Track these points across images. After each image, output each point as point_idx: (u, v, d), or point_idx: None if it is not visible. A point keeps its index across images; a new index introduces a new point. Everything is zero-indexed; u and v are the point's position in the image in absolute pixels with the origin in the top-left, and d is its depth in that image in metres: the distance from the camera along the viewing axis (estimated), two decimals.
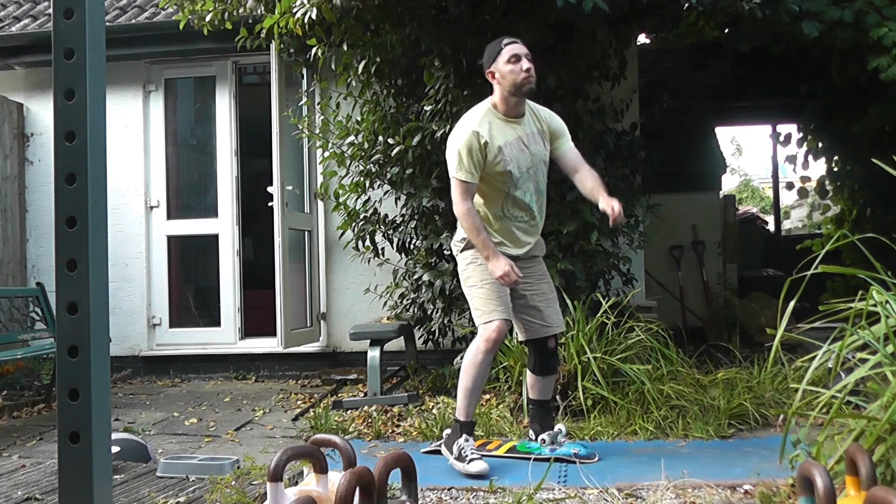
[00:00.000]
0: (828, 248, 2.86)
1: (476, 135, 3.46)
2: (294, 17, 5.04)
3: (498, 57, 3.51)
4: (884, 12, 5.36)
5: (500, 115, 3.55)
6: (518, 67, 3.48)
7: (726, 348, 5.36)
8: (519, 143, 3.55)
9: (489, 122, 3.52)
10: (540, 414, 3.79)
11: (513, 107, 3.55)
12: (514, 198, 3.56)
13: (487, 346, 3.50)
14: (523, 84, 3.50)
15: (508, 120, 3.55)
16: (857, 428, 2.58)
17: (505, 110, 3.55)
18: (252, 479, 3.10)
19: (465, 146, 3.46)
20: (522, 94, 3.53)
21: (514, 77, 3.48)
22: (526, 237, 3.64)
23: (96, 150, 1.23)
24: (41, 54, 6.88)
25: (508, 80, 3.49)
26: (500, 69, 3.51)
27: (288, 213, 5.97)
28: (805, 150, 9.09)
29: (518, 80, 3.49)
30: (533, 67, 3.53)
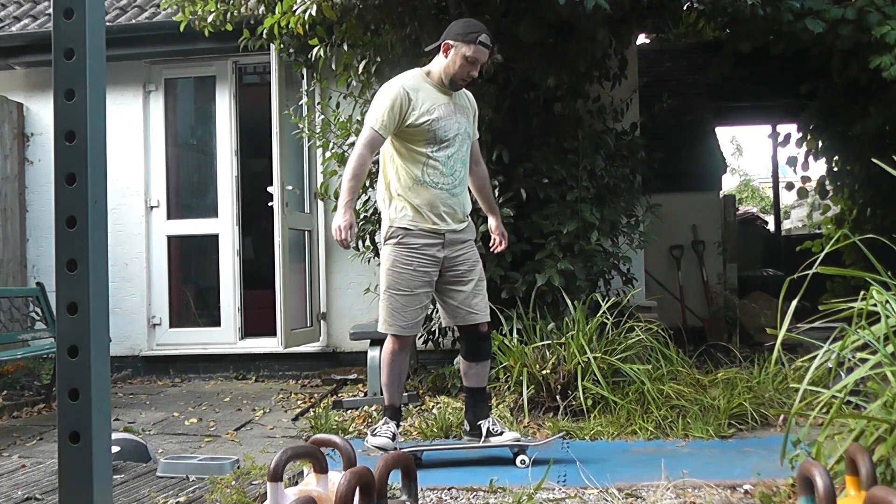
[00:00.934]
0: (828, 249, 2.86)
1: (404, 91, 3.53)
2: (295, 16, 5.04)
3: (464, 44, 3.53)
4: (886, 11, 5.37)
5: (430, 82, 3.61)
6: (466, 71, 3.56)
7: (726, 348, 5.36)
8: (449, 107, 3.61)
9: (420, 84, 3.59)
10: (473, 402, 3.78)
11: (442, 84, 3.61)
12: (436, 160, 3.56)
13: (391, 352, 3.65)
14: (457, 82, 3.59)
15: (438, 88, 3.61)
16: (857, 428, 2.58)
17: (436, 82, 3.61)
18: (252, 479, 3.10)
19: (388, 98, 3.51)
20: (451, 86, 3.61)
21: (458, 72, 3.55)
22: (450, 208, 3.61)
23: (96, 150, 1.23)
24: (41, 54, 6.88)
25: (452, 69, 3.56)
26: (457, 55, 3.54)
27: (288, 213, 5.97)
28: (805, 150, 9.08)
29: (457, 76, 3.57)
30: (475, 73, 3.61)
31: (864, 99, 7.16)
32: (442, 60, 3.58)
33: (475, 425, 3.75)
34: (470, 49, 3.52)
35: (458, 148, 3.61)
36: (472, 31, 3.54)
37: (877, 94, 6.79)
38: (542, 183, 5.18)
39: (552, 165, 5.20)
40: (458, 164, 3.62)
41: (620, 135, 5.77)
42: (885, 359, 2.57)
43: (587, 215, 5.08)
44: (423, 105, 3.52)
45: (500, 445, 3.68)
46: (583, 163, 5.28)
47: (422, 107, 3.52)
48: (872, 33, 5.31)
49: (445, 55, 3.57)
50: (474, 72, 3.58)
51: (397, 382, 3.74)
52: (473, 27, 3.58)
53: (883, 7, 5.38)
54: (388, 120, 3.49)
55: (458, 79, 3.57)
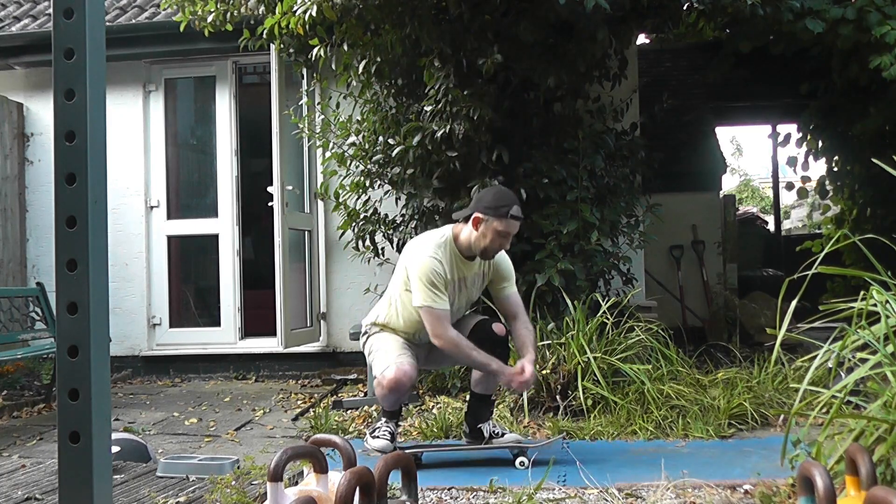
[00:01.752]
0: (828, 249, 2.86)
1: (440, 263, 3.49)
2: (295, 16, 5.05)
3: (496, 219, 3.45)
4: (885, 11, 5.37)
5: (457, 251, 3.56)
6: (499, 244, 3.52)
7: (726, 348, 5.36)
8: (462, 283, 3.60)
9: (449, 254, 3.54)
10: (477, 407, 3.78)
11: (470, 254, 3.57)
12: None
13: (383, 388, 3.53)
14: (490, 252, 3.55)
15: (463, 258, 3.57)
16: (857, 428, 2.58)
17: (464, 251, 3.56)
18: (252, 479, 3.10)
19: (428, 276, 3.46)
20: (482, 256, 3.57)
21: (490, 245, 3.50)
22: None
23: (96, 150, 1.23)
24: (41, 54, 6.88)
25: (483, 242, 3.49)
26: (487, 229, 3.47)
27: (288, 213, 5.97)
28: (805, 150, 9.09)
29: (488, 249, 3.52)
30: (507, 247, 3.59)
31: (864, 99, 7.16)
32: (472, 232, 3.51)
33: (475, 428, 3.75)
34: (502, 224, 3.46)
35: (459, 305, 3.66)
36: (502, 205, 3.46)
37: (877, 94, 6.79)
38: (542, 183, 5.18)
39: (552, 165, 5.20)
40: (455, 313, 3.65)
41: (620, 135, 5.77)
42: (885, 359, 2.57)
43: (587, 215, 5.08)
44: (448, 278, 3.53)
45: (501, 447, 3.68)
46: (583, 163, 5.28)
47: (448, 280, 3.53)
48: (872, 33, 5.32)
49: (475, 228, 3.49)
50: (506, 244, 3.54)
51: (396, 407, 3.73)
52: (504, 200, 3.50)
53: (883, 7, 5.38)
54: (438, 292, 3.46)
55: (489, 252, 3.53)
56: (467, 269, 3.59)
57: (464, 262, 3.58)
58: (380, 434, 3.65)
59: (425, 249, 3.53)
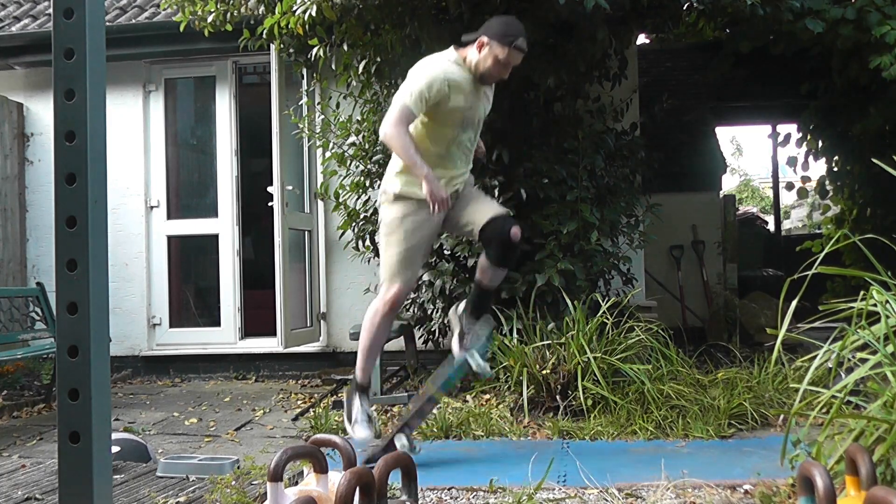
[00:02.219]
0: (828, 249, 2.86)
1: (444, 77, 3.47)
2: (295, 16, 5.04)
3: (498, 45, 3.48)
4: (885, 11, 5.37)
5: (465, 69, 3.57)
6: (497, 71, 3.53)
7: (726, 348, 5.36)
8: (478, 94, 3.60)
9: (457, 71, 3.55)
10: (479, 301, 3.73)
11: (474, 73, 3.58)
12: (460, 141, 3.60)
13: (385, 310, 3.56)
14: (489, 78, 3.57)
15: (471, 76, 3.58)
16: (857, 428, 2.58)
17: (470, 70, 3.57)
18: (252, 479, 3.10)
19: (427, 79, 3.46)
20: (481, 80, 3.58)
21: (488, 71, 3.52)
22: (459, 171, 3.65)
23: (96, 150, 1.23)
24: (41, 54, 6.88)
25: (483, 67, 3.52)
26: (490, 54, 3.49)
27: (288, 213, 5.97)
28: (805, 150, 9.08)
29: (487, 74, 3.54)
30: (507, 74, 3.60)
31: (864, 99, 7.16)
32: (475, 54, 3.53)
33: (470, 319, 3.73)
34: (503, 52, 3.48)
35: (477, 130, 3.68)
36: (509, 34, 3.48)
37: (877, 94, 6.79)
38: (542, 183, 5.17)
39: (552, 165, 5.20)
40: (471, 145, 3.68)
41: (620, 135, 5.77)
42: (885, 359, 2.57)
43: (587, 215, 5.08)
44: (458, 93, 3.51)
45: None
46: (583, 163, 5.28)
47: (457, 95, 3.51)
48: (872, 33, 5.32)
49: (479, 51, 3.52)
50: (505, 73, 3.56)
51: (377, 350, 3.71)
52: (511, 29, 3.51)
53: (883, 7, 5.38)
54: (422, 101, 3.45)
55: (488, 77, 3.56)
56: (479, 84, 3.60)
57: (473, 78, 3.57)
58: (359, 418, 3.63)
59: (439, 64, 3.53)
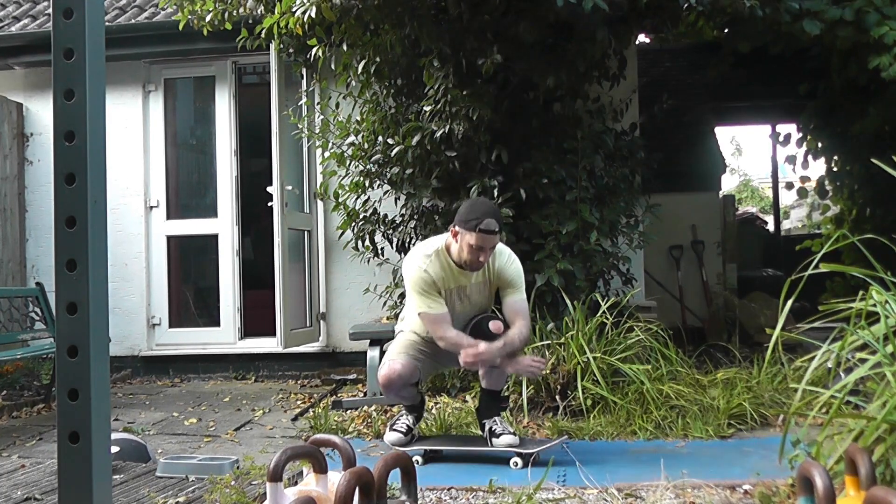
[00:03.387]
0: (827, 249, 2.86)
1: (427, 273, 3.54)
2: (294, 17, 5.04)
3: (467, 231, 3.46)
4: (884, 11, 5.37)
5: (451, 261, 3.58)
6: (475, 256, 3.50)
7: (726, 348, 5.36)
8: (460, 292, 3.63)
9: (440, 266, 3.57)
10: (486, 403, 3.81)
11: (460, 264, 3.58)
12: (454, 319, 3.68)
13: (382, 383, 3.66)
14: (470, 266, 3.56)
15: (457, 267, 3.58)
16: (857, 428, 2.58)
17: (456, 261, 3.58)
18: (252, 479, 3.10)
19: (418, 286, 3.54)
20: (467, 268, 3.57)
21: (467, 258, 3.51)
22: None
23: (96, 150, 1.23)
24: (41, 54, 6.87)
25: (462, 255, 3.52)
26: (462, 241, 3.49)
27: (287, 213, 5.97)
28: (805, 150, 9.09)
29: (467, 262, 3.53)
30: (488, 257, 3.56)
31: (863, 99, 7.16)
32: (454, 244, 3.54)
33: (481, 424, 3.79)
34: (472, 237, 3.44)
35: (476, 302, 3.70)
36: (472, 218, 3.43)
37: (876, 94, 6.79)
38: (542, 183, 5.18)
39: (551, 165, 5.20)
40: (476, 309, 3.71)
41: (620, 135, 5.77)
42: (884, 359, 2.57)
43: (586, 215, 5.08)
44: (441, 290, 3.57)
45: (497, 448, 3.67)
46: (582, 163, 5.28)
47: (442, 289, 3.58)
48: (871, 34, 5.32)
49: (455, 239, 3.52)
50: (482, 257, 3.51)
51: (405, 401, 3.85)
52: (475, 212, 3.46)
53: (882, 7, 5.38)
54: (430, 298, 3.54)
55: (468, 264, 3.53)
56: (465, 279, 3.61)
57: (461, 272, 3.59)
58: (396, 427, 3.78)
59: (414, 261, 3.61)
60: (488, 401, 3.80)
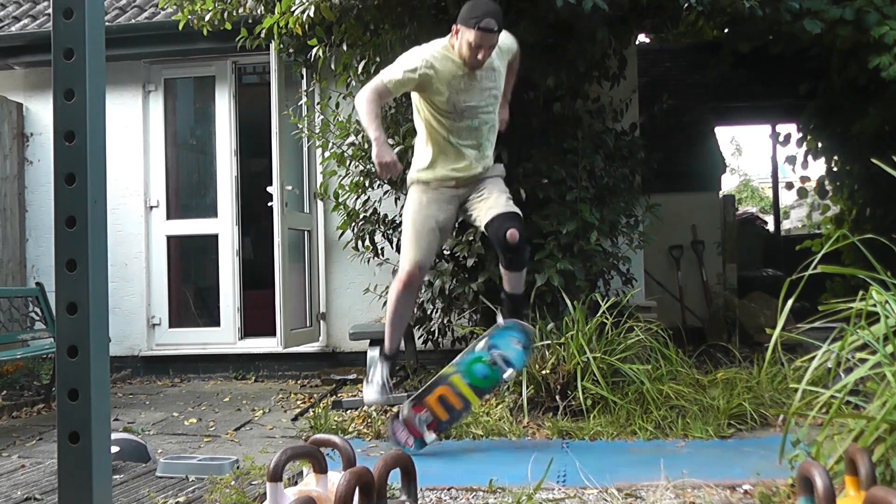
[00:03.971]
0: (827, 249, 2.86)
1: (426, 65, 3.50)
2: (294, 17, 5.04)
3: (467, 29, 3.45)
4: (884, 11, 5.37)
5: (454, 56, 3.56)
6: (475, 55, 3.49)
7: (726, 348, 5.36)
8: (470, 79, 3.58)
9: (443, 58, 3.54)
10: (508, 305, 3.87)
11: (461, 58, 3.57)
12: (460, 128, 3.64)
13: (399, 287, 3.67)
14: (472, 63, 3.54)
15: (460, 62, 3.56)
16: (857, 428, 2.58)
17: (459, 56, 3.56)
18: (252, 479, 3.10)
19: (411, 63, 3.50)
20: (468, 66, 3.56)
21: (467, 56, 3.51)
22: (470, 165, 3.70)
23: (96, 150, 1.23)
24: (41, 54, 6.88)
25: (462, 52, 3.51)
26: (461, 39, 3.49)
27: (287, 213, 5.97)
28: (805, 150, 9.09)
29: (467, 60, 3.52)
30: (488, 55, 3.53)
31: (863, 99, 7.16)
32: (455, 41, 3.52)
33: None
34: (471, 34, 3.43)
35: (482, 117, 3.65)
36: (472, 16, 3.42)
37: (876, 94, 6.79)
38: (542, 183, 5.17)
39: (551, 165, 5.20)
40: (483, 129, 3.67)
41: (620, 135, 5.77)
42: (884, 359, 2.57)
43: (587, 215, 5.08)
44: (443, 77, 3.51)
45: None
46: (582, 163, 5.28)
47: (442, 80, 3.51)
48: (871, 33, 5.31)
49: (455, 37, 3.51)
50: (482, 55, 3.48)
51: (402, 323, 3.78)
52: (476, 10, 3.44)
53: (882, 7, 5.38)
54: (399, 82, 3.49)
55: (469, 62, 3.51)
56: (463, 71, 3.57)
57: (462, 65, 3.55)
58: (373, 379, 3.76)
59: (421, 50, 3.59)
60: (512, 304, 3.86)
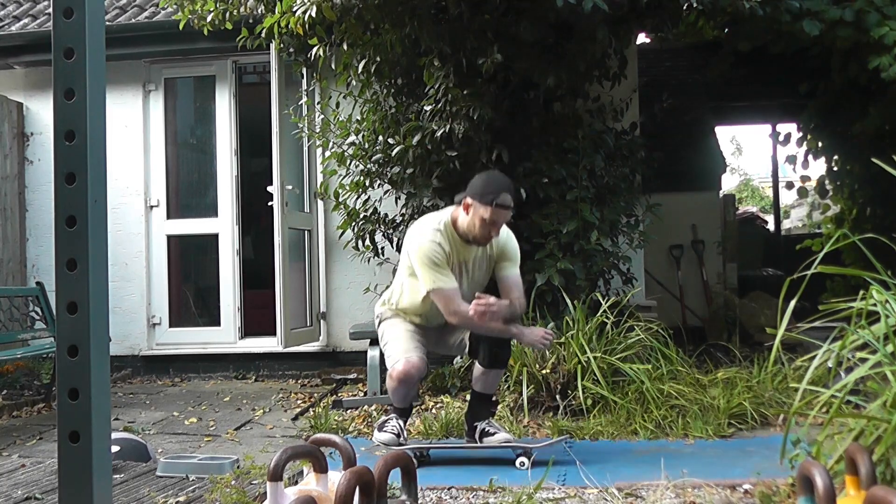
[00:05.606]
0: (827, 249, 2.86)
1: (439, 246, 3.49)
2: (294, 16, 5.04)
3: (482, 206, 3.41)
4: (884, 11, 5.36)
5: (456, 235, 3.55)
6: (486, 231, 3.46)
7: (726, 348, 5.36)
8: (464, 266, 3.59)
9: (448, 237, 3.53)
10: (476, 406, 3.77)
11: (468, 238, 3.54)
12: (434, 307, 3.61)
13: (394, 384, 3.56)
14: (479, 241, 3.52)
15: (462, 242, 3.55)
16: (857, 427, 2.58)
17: (462, 235, 3.54)
18: (252, 479, 3.10)
19: (430, 258, 3.47)
20: (475, 243, 3.54)
21: (478, 233, 3.47)
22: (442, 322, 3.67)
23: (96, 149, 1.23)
24: (41, 53, 6.87)
25: (473, 230, 3.47)
26: (474, 214, 3.44)
27: (288, 212, 5.97)
28: (805, 150, 9.09)
29: (478, 237, 3.49)
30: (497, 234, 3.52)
31: (863, 98, 7.16)
32: (464, 217, 3.48)
33: (472, 427, 3.75)
34: (487, 211, 3.39)
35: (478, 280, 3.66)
36: (488, 192, 3.38)
37: (876, 94, 6.79)
38: (542, 182, 5.18)
39: (552, 165, 5.20)
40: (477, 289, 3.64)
41: (620, 134, 5.77)
42: (884, 358, 2.57)
43: (587, 215, 5.08)
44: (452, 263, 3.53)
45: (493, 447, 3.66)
46: (582, 162, 5.28)
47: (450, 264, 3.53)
48: (871, 34, 5.31)
49: (466, 212, 3.46)
50: (494, 232, 3.47)
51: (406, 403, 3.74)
52: (491, 186, 3.42)
53: (882, 7, 5.37)
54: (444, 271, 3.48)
55: (478, 238, 3.49)
56: (468, 253, 3.57)
57: (464, 246, 3.55)
58: (387, 429, 3.68)
59: (424, 234, 3.53)
60: (479, 404, 3.77)
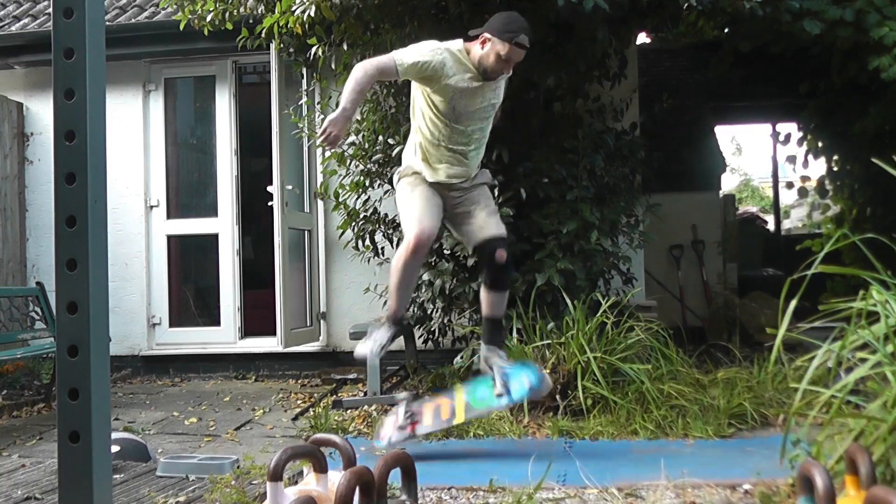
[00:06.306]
0: (828, 249, 2.86)
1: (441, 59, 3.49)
2: (294, 16, 5.04)
3: (500, 41, 3.47)
4: (884, 12, 5.36)
5: (468, 61, 3.56)
6: (500, 67, 3.52)
7: (726, 348, 5.36)
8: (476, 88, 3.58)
9: (458, 60, 3.54)
10: (488, 329, 3.84)
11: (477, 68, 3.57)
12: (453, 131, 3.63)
13: (405, 254, 3.57)
14: (492, 73, 3.56)
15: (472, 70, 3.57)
16: (857, 427, 2.58)
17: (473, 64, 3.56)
18: (252, 479, 3.10)
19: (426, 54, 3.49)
20: (484, 76, 3.57)
21: (491, 66, 3.52)
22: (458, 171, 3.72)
23: (96, 149, 1.23)
24: (41, 53, 6.88)
25: (486, 62, 3.52)
26: (491, 50, 3.49)
27: (288, 212, 5.97)
28: (805, 150, 9.09)
29: (490, 70, 3.53)
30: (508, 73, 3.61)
31: (863, 98, 7.16)
32: (479, 50, 3.53)
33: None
34: (504, 48, 3.47)
35: (476, 125, 3.67)
36: (509, 30, 3.47)
37: (876, 94, 6.79)
38: (542, 182, 5.17)
39: (552, 165, 5.20)
40: (474, 137, 3.69)
41: (620, 134, 5.77)
42: (884, 358, 2.57)
43: (587, 215, 5.08)
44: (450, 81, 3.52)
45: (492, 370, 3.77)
46: (582, 162, 5.27)
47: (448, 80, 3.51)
48: (871, 34, 5.31)
49: (482, 46, 3.52)
50: (507, 69, 3.55)
51: (406, 289, 3.74)
52: (512, 25, 3.50)
53: (882, 7, 5.37)
54: (411, 67, 3.48)
55: (491, 72, 3.54)
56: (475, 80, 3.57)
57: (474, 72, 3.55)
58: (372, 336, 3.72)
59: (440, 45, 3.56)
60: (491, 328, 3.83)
